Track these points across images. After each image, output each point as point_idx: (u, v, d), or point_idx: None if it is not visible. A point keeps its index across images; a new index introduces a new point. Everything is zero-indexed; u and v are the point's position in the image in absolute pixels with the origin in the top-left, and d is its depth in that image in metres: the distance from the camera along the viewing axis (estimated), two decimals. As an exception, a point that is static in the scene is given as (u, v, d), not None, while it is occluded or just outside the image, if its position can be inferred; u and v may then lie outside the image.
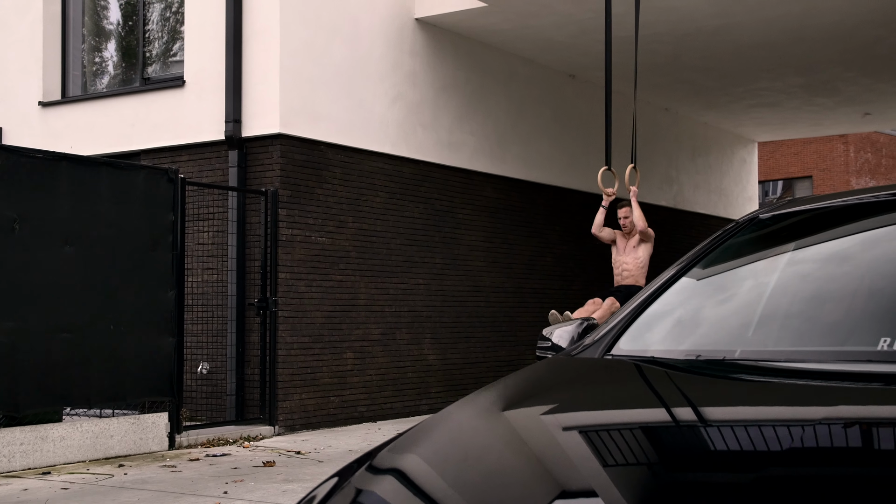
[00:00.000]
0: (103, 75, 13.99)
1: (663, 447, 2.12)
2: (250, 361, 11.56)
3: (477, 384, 14.04)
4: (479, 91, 14.30)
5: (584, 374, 2.80)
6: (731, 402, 2.37)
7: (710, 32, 13.90)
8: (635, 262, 10.76)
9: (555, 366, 2.94)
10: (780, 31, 13.92)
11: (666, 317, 3.04)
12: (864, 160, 38.15)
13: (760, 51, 14.90)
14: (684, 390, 2.50)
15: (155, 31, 13.32)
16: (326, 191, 12.07)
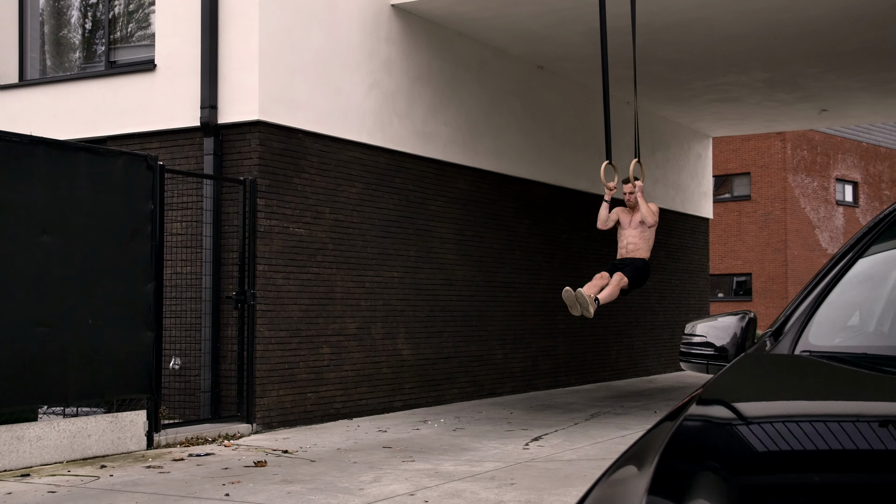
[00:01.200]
0: (65, 58, 13.41)
1: None
2: (226, 357, 11.15)
3: (448, 380, 13.79)
4: (453, 81, 14.02)
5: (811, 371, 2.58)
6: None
7: (686, 24, 13.80)
8: (641, 236, 10.67)
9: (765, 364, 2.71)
10: (754, 25, 13.87)
11: (851, 308, 2.83)
12: (800, 157, 38.66)
13: (732, 44, 14.85)
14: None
15: (121, 13, 12.79)
16: (304, 180, 11.70)
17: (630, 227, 10.88)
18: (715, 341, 2.97)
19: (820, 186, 39.61)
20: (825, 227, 39.87)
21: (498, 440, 10.21)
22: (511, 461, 8.88)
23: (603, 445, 9.82)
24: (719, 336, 2.97)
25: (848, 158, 41.15)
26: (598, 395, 15.12)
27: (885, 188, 43.58)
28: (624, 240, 10.92)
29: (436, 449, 9.63)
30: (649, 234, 10.85)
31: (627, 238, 10.88)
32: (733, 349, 2.93)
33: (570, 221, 16.87)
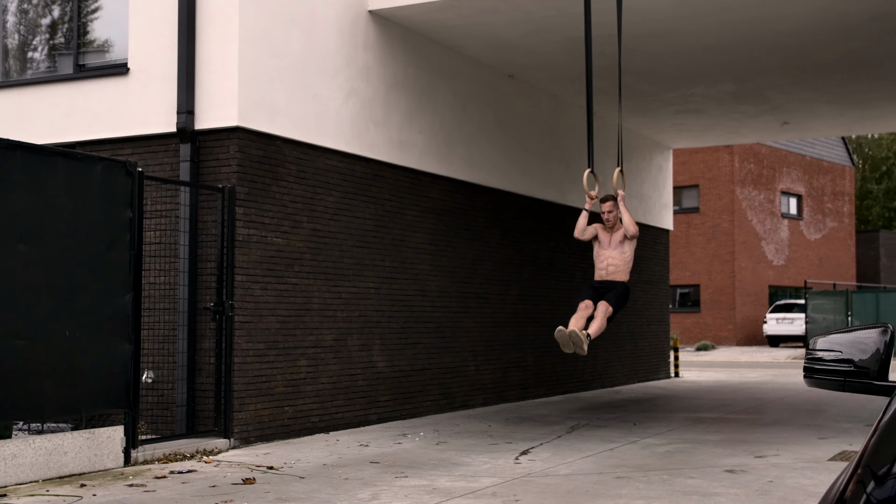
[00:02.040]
0: (31, 60, 12.98)
1: None
2: (202, 370, 10.81)
3: (422, 392, 13.57)
4: (428, 89, 13.83)
5: None
6: None
7: (663, 34, 13.77)
8: (622, 257, 10.42)
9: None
10: (730, 37, 13.89)
11: None
12: (747, 170, 39.06)
13: (705, 55, 14.86)
14: None
15: (91, 14, 12.40)
16: (282, 189, 11.42)
17: (609, 246, 10.57)
18: (853, 357, 2.77)
19: (766, 199, 40.05)
20: (771, 240, 40.30)
21: (486, 454, 10.00)
22: (507, 476, 8.69)
23: (594, 459, 9.66)
24: (858, 351, 2.78)
25: (792, 172, 41.70)
26: (569, 406, 14.99)
27: (828, 201, 44.22)
28: (603, 261, 10.59)
29: (425, 464, 9.40)
30: (629, 254, 10.54)
31: (607, 259, 10.56)
32: (876, 366, 2.74)
33: (538, 232, 16.75)
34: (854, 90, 16.98)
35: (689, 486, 8.17)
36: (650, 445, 10.58)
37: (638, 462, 9.44)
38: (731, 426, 12.38)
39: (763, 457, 9.72)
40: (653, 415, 13.89)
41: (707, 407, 14.95)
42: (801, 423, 12.74)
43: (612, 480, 8.45)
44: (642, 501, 7.51)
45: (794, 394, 17.31)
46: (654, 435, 11.47)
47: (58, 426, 9.77)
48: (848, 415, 13.68)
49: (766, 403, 15.47)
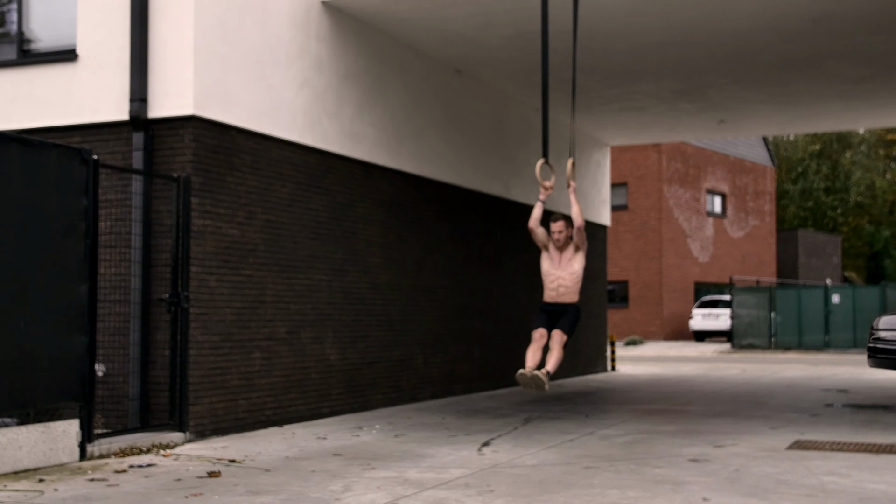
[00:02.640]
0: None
1: None
2: (155, 362, 10.60)
3: (373, 386, 13.50)
4: (378, 82, 13.75)
5: None
6: None
7: (612, 31, 13.87)
8: (572, 277, 10.23)
9: None
10: (678, 34, 14.05)
11: None
12: (674, 169, 39.61)
13: (651, 53, 15.01)
14: None
15: (37, -1, 12.06)
16: (237, 179, 11.25)
17: (560, 266, 10.38)
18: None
19: (692, 197, 40.67)
20: (696, 237, 40.95)
21: (448, 446, 9.97)
22: (474, 467, 8.67)
23: (557, 450, 9.69)
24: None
25: (717, 171, 42.41)
26: (517, 399, 15.03)
27: (750, 200, 45.07)
28: (553, 282, 10.40)
29: (389, 456, 9.34)
30: (579, 272, 10.38)
31: (557, 280, 10.38)
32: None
33: (485, 226, 16.77)
34: (790, 91, 17.30)
35: (659, 475, 8.24)
36: (608, 436, 10.65)
37: (601, 452, 9.49)
38: (682, 417, 12.52)
39: (722, 446, 9.84)
40: (602, 407, 14.00)
41: (652, 399, 15.11)
42: (748, 413, 12.94)
43: (581, 470, 8.48)
44: (616, 491, 7.55)
45: (731, 386, 17.58)
46: (609, 426, 11.55)
47: (2, 420, 9.50)
48: (789, 405, 13.94)
49: (707, 395, 15.69)
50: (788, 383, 18.33)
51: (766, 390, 16.77)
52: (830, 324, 33.43)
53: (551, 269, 10.40)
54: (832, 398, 15.21)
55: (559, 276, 10.27)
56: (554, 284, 10.32)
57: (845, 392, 16.31)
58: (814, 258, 49.92)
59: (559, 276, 10.28)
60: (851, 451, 9.55)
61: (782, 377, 20.22)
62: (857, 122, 20.53)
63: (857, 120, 20.17)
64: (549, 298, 10.43)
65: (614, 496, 7.35)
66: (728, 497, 7.29)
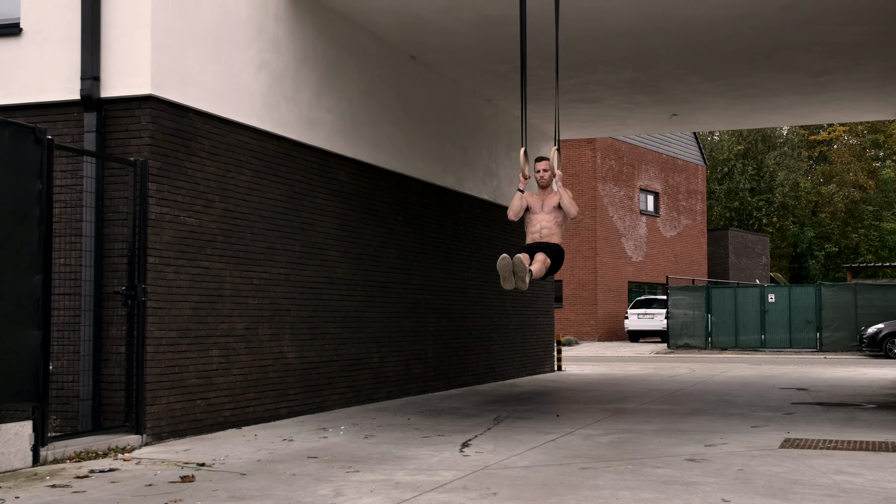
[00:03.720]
0: None
1: None
2: (109, 360, 9.87)
3: (330, 385, 12.90)
4: (336, 66, 13.14)
5: None
6: None
7: (575, 18, 13.42)
8: (555, 221, 9.99)
9: None
10: (641, 21, 13.69)
11: None
12: (608, 167, 39.50)
13: (612, 41, 14.63)
14: None
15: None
16: (195, 165, 10.56)
17: (542, 211, 10.11)
18: None
19: (626, 196, 40.62)
20: (630, 236, 40.90)
21: (426, 447, 9.42)
22: (464, 469, 8.13)
23: (543, 450, 9.19)
24: None
25: (650, 169, 42.43)
26: (476, 399, 14.52)
27: (682, 199, 45.22)
28: (536, 224, 10.13)
29: (367, 458, 8.75)
30: (562, 220, 10.17)
31: (541, 223, 10.11)
32: None
33: (437, 220, 16.25)
34: (747, 83, 17.08)
35: (663, 475, 7.79)
36: (590, 436, 10.19)
37: (591, 453, 9.03)
38: (656, 416, 12.13)
39: (713, 445, 9.45)
40: (569, 407, 13.55)
41: (615, 398, 14.72)
42: (721, 412, 12.61)
43: (579, 471, 8.00)
44: (627, 492, 7.08)
45: (687, 385, 17.31)
46: (585, 426, 11.10)
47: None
48: (757, 404, 13.66)
49: (669, 394, 15.35)
50: (742, 382, 18.12)
51: (725, 389, 16.52)
52: (766, 323, 33.55)
53: (532, 215, 10.17)
54: (796, 396, 14.98)
55: (542, 218, 10.08)
56: (537, 227, 10.10)
57: (805, 390, 16.11)
58: (743, 258, 50.32)
59: (542, 219, 10.08)
60: (847, 449, 9.22)
61: (734, 376, 20.04)
62: (809, 117, 20.43)
63: (809, 115, 20.07)
64: (532, 240, 10.16)
65: (627, 498, 6.88)
66: (747, 498, 6.86)
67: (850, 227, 65.08)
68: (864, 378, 19.15)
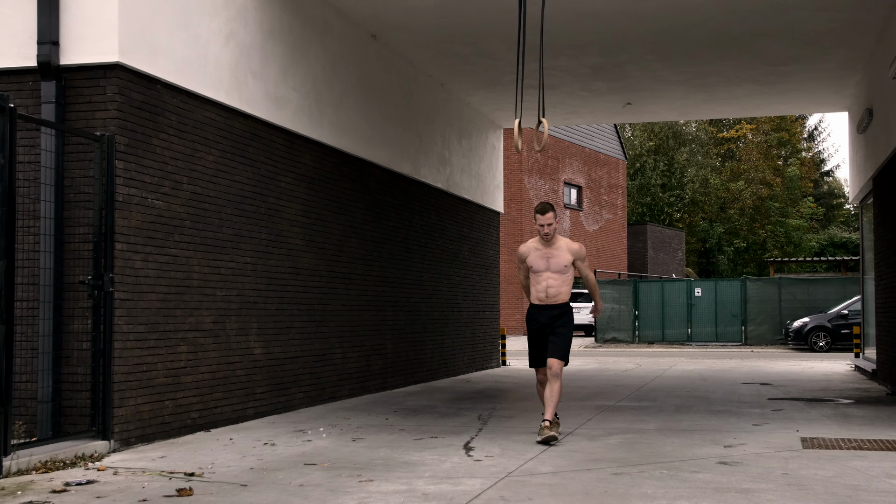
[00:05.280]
0: None
1: None
2: (70, 357, 8.86)
3: (296, 383, 12.04)
4: (301, 42, 12.26)
5: None
6: None
7: (555, -3, 12.76)
8: (562, 278, 9.17)
9: None
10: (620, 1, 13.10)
11: None
12: (534, 160, 39.09)
13: (583, 22, 14.04)
14: None
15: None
16: (162, 142, 9.60)
17: (549, 270, 9.20)
18: None
19: (551, 189, 40.29)
20: (555, 230, 40.55)
21: (427, 451, 8.64)
22: (488, 476, 7.39)
23: (557, 454, 8.50)
24: None
25: (574, 163, 42.17)
26: (442, 397, 13.78)
27: (604, 193, 45.11)
28: (542, 283, 9.23)
29: (372, 465, 7.95)
30: (571, 278, 9.31)
31: (546, 282, 9.22)
32: None
33: (396, 208, 15.44)
34: (710, 71, 16.66)
35: (708, 481, 7.16)
36: (595, 437, 9.53)
37: (610, 456, 8.36)
38: (645, 414, 11.53)
39: (731, 446, 8.87)
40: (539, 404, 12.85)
41: (585, 395, 14.12)
42: (706, 409, 12.10)
43: (614, 478, 7.32)
44: (687, 502, 6.43)
45: (647, 381, 16.84)
46: (580, 426, 10.44)
47: None
48: (734, 400, 13.22)
49: (637, 391, 14.81)
50: (699, 377, 17.72)
51: (687, 384, 16.07)
52: (693, 317, 33.50)
53: (537, 274, 9.26)
54: (766, 391, 14.59)
55: (548, 277, 9.20)
56: (542, 286, 9.22)
57: (770, 385, 15.76)
58: (661, 252, 50.48)
59: (548, 278, 9.19)
60: (873, 448, 8.73)
61: (685, 371, 19.68)
62: (762, 108, 20.15)
63: (762, 107, 19.78)
64: (537, 301, 9.25)
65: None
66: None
67: (758, 224, 66.04)
68: (812, 372, 18.94)
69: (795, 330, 30.11)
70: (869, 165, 16.75)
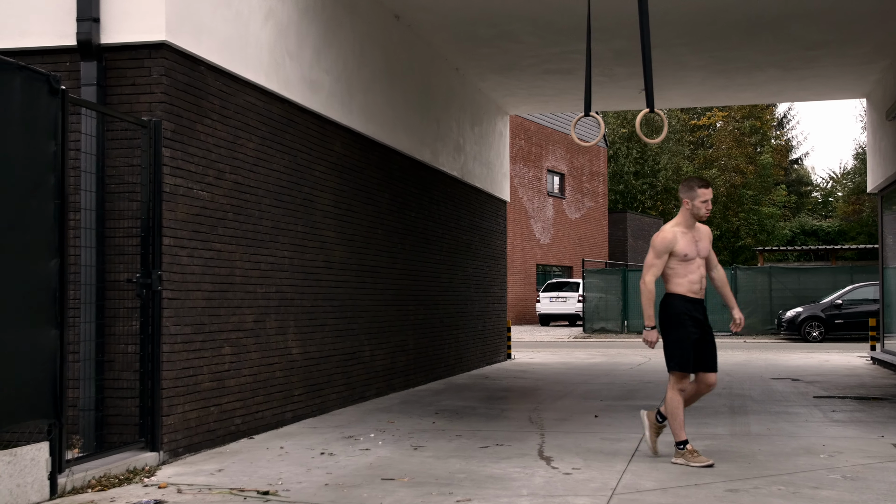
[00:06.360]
0: None
1: None
2: (114, 362, 8.16)
3: (329, 383, 11.39)
4: (333, 22, 11.57)
5: None
6: None
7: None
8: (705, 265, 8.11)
9: None
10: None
11: None
12: (518, 147, 38.52)
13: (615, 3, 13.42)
14: None
15: None
16: (206, 128, 8.90)
17: (699, 256, 8.00)
18: None
19: (534, 177, 39.75)
20: (539, 218, 40.08)
21: (504, 462, 8.04)
22: (593, 494, 6.80)
23: (648, 466, 7.92)
24: None
25: (557, 150, 41.67)
26: (472, 395, 13.18)
27: (586, 181, 44.66)
28: (696, 273, 7.96)
29: (455, 480, 7.33)
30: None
31: (700, 270, 8.00)
32: None
33: (417, 197, 14.79)
34: (735, 56, 16.15)
35: (840, 500, 6.61)
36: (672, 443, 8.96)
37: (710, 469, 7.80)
38: (705, 417, 10.90)
39: (830, 455, 8.33)
40: (580, 403, 12.30)
41: (620, 394, 13.56)
42: (762, 409, 11.60)
43: (730, 495, 6.76)
44: (832, 523, 5.88)
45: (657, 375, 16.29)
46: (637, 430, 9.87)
47: None
48: (778, 399, 12.75)
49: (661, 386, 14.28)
50: (724, 372, 17.22)
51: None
52: (682, 306, 33.14)
53: (688, 259, 7.94)
54: (804, 388, 14.13)
55: (699, 263, 8.01)
56: (697, 275, 7.98)
57: (800, 381, 15.32)
58: (640, 240, 50.16)
59: (700, 265, 8.02)
60: (974, 454, 8.25)
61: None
62: (779, 95, 19.70)
63: (780, 93, 19.32)
64: (692, 293, 7.97)
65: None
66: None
67: (731, 211, 65.95)
68: (831, 366, 18.55)
69: (788, 320, 29.83)
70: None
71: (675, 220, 8.08)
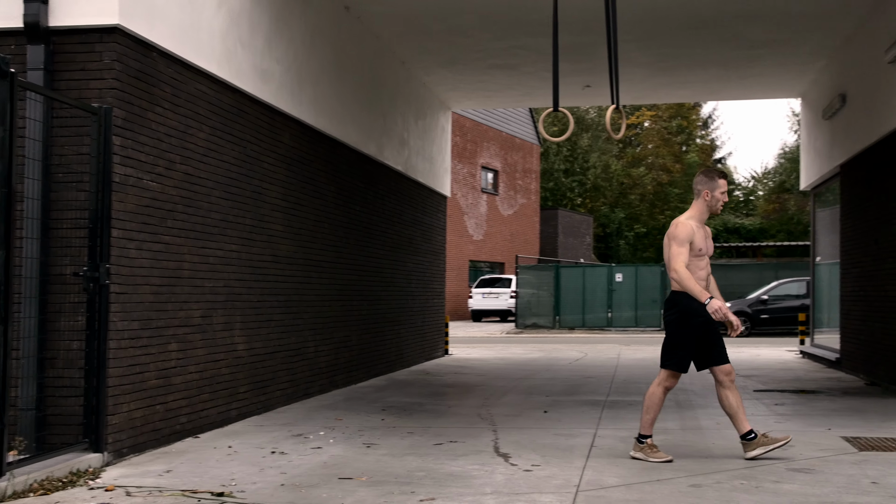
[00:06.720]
0: None
1: None
2: (56, 359, 7.84)
3: (273, 380, 11.15)
4: (285, 10, 11.33)
5: None
6: None
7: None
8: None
9: None
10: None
11: None
12: (454, 143, 38.45)
13: (570, 1, 13.37)
14: None
15: None
16: (157, 117, 8.62)
17: (708, 253, 7.91)
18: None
19: (469, 173, 39.72)
20: (472, 214, 40.06)
21: (461, 459, 7.89)
22: (557, 491, 6.67)
23: (607, 462, 7.84)
24: None
25: (491, 147, 41.69)
26: (419, 392, 13.02)
27: (519, 178, 44.75)
28: (705, 268, 7.85)
29: (413, 478, 7.17)
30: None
31: (708, 267, 7.91)
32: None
33: (361, 192, 14.58)
34: (680, 53, 16.23)
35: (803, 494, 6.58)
36: (628, 440, 8.90)
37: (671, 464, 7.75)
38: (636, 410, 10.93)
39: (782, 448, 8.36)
40: (530, 400, 12.20)
41: (566, 389, 13.48)
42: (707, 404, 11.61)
43: (695, 490, 6.69)
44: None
45: (614, 370, 16.34)
46: (595, 426, 9.80)
47: None
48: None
49: (612, 384, 14.27)
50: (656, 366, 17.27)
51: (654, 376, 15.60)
52: (614, 303, 33.34)
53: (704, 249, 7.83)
54: (745, 383, 14.22)
55: (707, 260, 7.90)
56: (705, 272, 7.86)
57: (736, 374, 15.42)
58: (570, 237, 50.41)
59: (708, 262, 7.91)
60: (926, 454, 8.32)
61: (635, 360, 19.30)
62: (718, 93, 19.87)
63: (719, 91, 19.49)
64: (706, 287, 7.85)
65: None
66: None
67: (658, 209, 66.68)
68: (763, 360, 18.77)
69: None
70: (836, 153, 16.52)
71: (688, 213, 7.93)
